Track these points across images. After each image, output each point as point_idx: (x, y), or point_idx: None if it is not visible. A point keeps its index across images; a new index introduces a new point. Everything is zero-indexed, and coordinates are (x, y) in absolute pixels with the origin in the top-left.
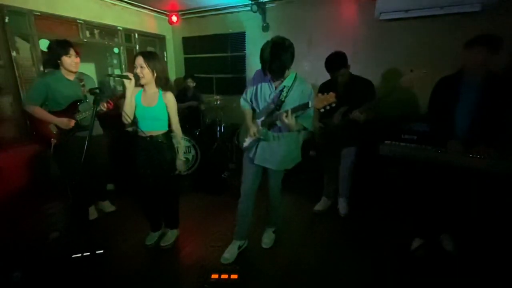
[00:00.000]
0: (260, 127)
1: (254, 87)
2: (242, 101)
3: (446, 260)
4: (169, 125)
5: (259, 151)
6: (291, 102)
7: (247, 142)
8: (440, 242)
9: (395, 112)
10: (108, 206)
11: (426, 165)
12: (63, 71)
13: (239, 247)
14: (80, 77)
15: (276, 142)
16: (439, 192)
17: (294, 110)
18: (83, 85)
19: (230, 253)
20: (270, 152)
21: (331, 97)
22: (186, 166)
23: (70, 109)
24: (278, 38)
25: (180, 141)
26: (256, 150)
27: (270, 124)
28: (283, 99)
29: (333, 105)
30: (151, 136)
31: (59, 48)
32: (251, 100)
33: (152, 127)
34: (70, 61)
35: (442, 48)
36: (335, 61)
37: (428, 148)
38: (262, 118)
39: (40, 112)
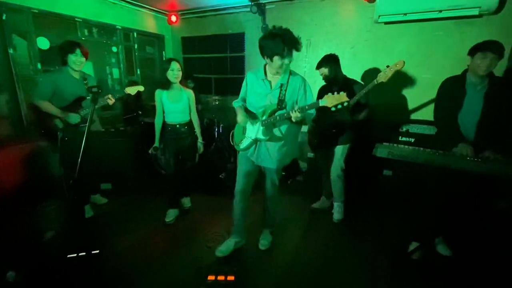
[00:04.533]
0: (261, 127)
1: (248, 88)
2: (234, 103)
3: (442, 262)
4: None
5: (260, 151)
6: (289, 97)
7: (243, 143)
8: (435, 245)
9: (392, 114)
10: (99, 199)
11: (424, 167)
12: (69, 69)
13: (235, 243)
14: (84, 76)
15: (277, 141)
16: (436, 194)
17: (303, 109)
18: (86, 84)
19: (225, 247)
20: (271, 151)
21: (342, 97)
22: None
23: (74, 105)
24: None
25: (198, 125)
26: (255, 151)
27: (274, 123)
28: (282, 98)
29: (345, 104)
30: (180, 124)
31: (67, 47)
32: (245, 101)
33: (179, 119)
34: (75, 59)
35: (440, 51)
36: (322, 59)
37: (427, 151)
38: (263, 118)
39: (50, 107)
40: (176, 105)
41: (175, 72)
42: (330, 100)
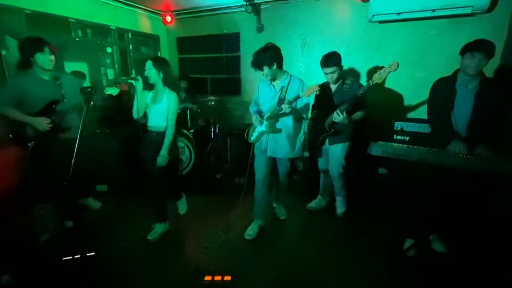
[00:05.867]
0: (264, 121)
1: (260, 94)
2: (250, 108)
3: (437, 259)
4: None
5: (269, 145)
6: (289, 97)
7: (253, 136)
8: (430, 243)
9: (387, 113)
10: (93, 203)
11: (419, 165)
12: (36, 70)
13: (259, 226)
14: (56, 76)
15: (281, 135)
16: (430, 192)
17: (290, 102)
18: (59, 84)
19: (252, 230)
20: (279, 144)
21: (316, 87)
22: (180, 166)
23: (47, 111)
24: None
25: (169, 137)
26: (267, 144)
27: (273, 117)
28: (282, 97)
29: (317, 92)
30: (157, 133)
31: (32, 45)
32: (257, 104)
33: (157, 123)
34: (44, 58)
35: (434, 49)
36: (326, 58)
37: (421, 149)
38: (268, 114)
39: (13, 113)
40: (154, 106)
41: (146, 71)
42: (307, 91)
